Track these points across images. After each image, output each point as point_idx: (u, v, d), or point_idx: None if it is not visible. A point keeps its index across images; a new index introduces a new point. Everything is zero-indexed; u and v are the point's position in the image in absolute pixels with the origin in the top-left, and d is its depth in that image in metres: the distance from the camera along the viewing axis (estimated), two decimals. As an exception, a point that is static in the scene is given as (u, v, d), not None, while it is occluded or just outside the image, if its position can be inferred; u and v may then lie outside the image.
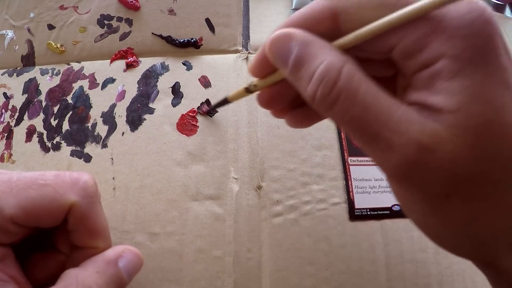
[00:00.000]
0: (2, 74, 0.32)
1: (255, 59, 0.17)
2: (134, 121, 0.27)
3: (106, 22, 0.31)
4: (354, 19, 0.14)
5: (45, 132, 0.28)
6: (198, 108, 0.27)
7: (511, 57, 0.13)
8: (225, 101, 0.23)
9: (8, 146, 0.28)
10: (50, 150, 0.27)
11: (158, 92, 0.28)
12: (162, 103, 0.27)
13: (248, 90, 0.19)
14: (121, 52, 0.30)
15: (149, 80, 0.28)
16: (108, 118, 0.27)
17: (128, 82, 0.28)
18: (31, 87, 0.30)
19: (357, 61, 0.14)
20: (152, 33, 0.30)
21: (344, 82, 0.13)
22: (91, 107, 0.28)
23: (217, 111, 0.26)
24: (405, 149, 0.13)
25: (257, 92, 0.19)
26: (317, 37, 0.15)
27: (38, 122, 0.29)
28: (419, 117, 0.13)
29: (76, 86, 0.29)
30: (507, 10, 0.38)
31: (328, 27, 0.15)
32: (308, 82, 0.14)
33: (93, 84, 0.29)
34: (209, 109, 0.26)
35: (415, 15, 0.13)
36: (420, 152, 0.13)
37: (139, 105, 0.27)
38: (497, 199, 0.14)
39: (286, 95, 0.18)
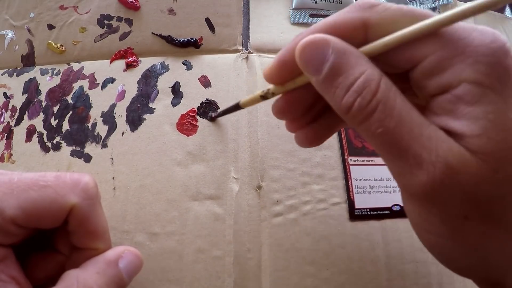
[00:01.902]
0: (2, 74, 0.32)
1: (274, 65, 0.17)
2: (134, 121, 0.27)
3: (106, 22, 0.31)
4: (384, 32, 0.14)
5: (45, 132, 0.28)
6: (203, 113, 0.26)
7: None
8: (236, 107, 0.22)
9: (8, 146, 0.28)
10: (50, 150, 0.27)
11: (158, 92, 0.28)
12: (162, 103, 0.27)
13: (264, 97, 0.19)
14: (121, 52, 0.30)
15: (149, 80, 0.28)
16: (108, 118, 0.27)
17: (128, 82, 0.28)
18: (31, 87, 0.30)
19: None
20: (152, 33, 0.30)
21: (382, 95, 0.13)
22: (91, 107, 0.28)
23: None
24: (434, 167, 0.13)
25: (273, 99, 0.19)
26: (353, 47, 0.14)
27: (38, 122, 0.29)
28: (447, 137, 0.13)
29: (76, 86, 0.29)
30: (507, 10, 0.38)
31: (357, 38, 0.15)
32: (345, 92, 0.14)
33: (93, 84, 0.29)
34: (218, 115, 0.26)
35: (443, 23, 0.13)
36: (447, 172, 0.13)
37: (139, 105, 0.27)
38: (509, 225, 0.14)
39: (302, 103, 0.18)
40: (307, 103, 0.18)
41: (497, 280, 0.16)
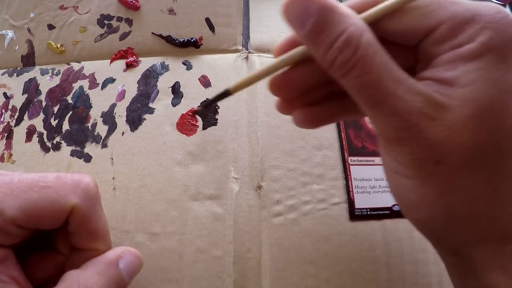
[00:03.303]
0: (2, 74, 0.32)
1: (283, 40, 0.18)
2: (134, 121, 0.27)
3: (106, 22, 0.31)
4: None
5: (45, 132, 0.28)
6: (203, 113, 0.27)
7: None
8: (226, 93, 0.21)
9: (8, 146, 0.28)
10: (50, 150, 0.27)
11: (158, 92, 0.28)
12: (162, 103, 0.27)
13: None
14: (121, 52, 0.30)
15: (149, 80, 0.28)
16: (108, 118, 0.27)
17: (128, 82, 0.28)
18: (31, 87, 0.30)
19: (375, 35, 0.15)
20: (152, 33, 0.30)
21: (362, 52, 0.14)
22: (91, 107, 0.28)
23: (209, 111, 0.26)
24: (408, 114, 0.14)
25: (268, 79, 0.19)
26: (338, 3, 0.15)
27: (38, 122, 0.29)
28: (425, 89, 0.14)
29: (76, 86, 0.29)
30: (507, 10, 0.38)
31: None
32: (328, 49, 0.15)
33: (93, 84, 0.29)
34: (206, 105, 0.25)
35: None
36: (421, 118, 0.14)
37: (139, 105, 0.27)
38: (485, 177, 0.14)
39: (299, 83, 0.18)
40: (306, 85, 0.18)
41: (458, 246, 0.16)
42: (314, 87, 0.19)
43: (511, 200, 0.14)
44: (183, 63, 0.29)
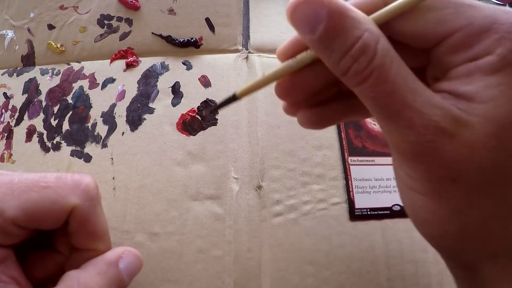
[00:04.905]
0: (2, 74, 0.32)
1: (287, 43, 0.17)
2: (134, 121, 0.27)
3: (106, 22, 0.31)
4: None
5: (45, 132, 0.28)
6: (200, 112, 0.26)
7: None
8: (233, 98, 0.21)
9: (8, 146, 0.28)
10: (50, 150, 0.27)
11: (158, 91, 0.28)
12: (162, 102, 0.27)
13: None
14: (121, 52, 0.30)
15: (149, 80, 0.28)
16: (108, 118, 0.27)
17: (128, 82, 0.28)
18: (31, 87, 0.30)
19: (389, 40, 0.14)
20: (152, 33, 0.30)
21: (379, 61, 0.13)
22: (91, 107, 0.28)
23: (215, 119, 0.26)
24: (425, 129, 0.13)
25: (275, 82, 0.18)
26: (351, 7, 0.14)
27: (38, 122, 0.29)
28: (443, 103, 0.13)
29: (76, 86, 0.29)
30: (508, 9, 0.38)
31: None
32: (341, 57, 0.14)
33: (93, 84, 0.29)
34: (213, 110, 0.25)
35: None
36: (439, 134, 0.13)
37: (139, 105, 0.27)
38: (501, 196, 0.14)
39: (306, 86, 0.18)
40: (313, 87, 0.18)
41: (469, 261, 0.15)
42: (321, 89, 0.18)
43: None
44: (183, 63, 0.29)
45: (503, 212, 0.14)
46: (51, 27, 0.32)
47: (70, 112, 0.28)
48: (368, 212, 0.25)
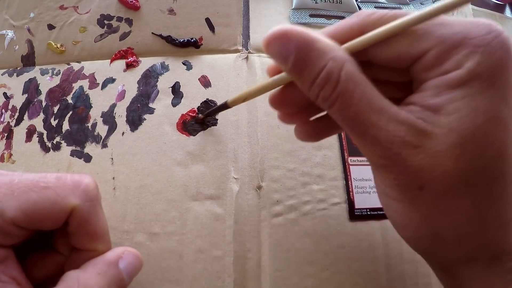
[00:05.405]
0: (2, 74, 0.32)
1: (272, 63, 0.18)
2: (134, 121, 0.27)
3: (106, 22, 0.31)
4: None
5: (45, 132, 0.28)
6: (198, 114, 0.27)
7: None
8: (224, 106, 0.22)
9: (8, 146, 0.28)
10: (50, 150, 0.27)
11: (158, 92, 0.28)
12: (162, 103, 0.27)
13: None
14: (121, 52, 0.30)
15: (149, 80, 0.28)
16: (108, 118, 0.27)
17: (128, 82, 0.28)
18: (31, 87, 0.30)
19: (358, 62, 0.15)
20: (152, 33, 0.30)
21: (342, 87, 0.14)
22: (91, 107, 0.28)
23: (215, 123, 0.26)
24: (390, 143, 0.14)
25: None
26: (317, 35, 0.15)
27: (38, 122, 0.29)
28: (408, 117, 0.14)
29: (76, 86, 0.29)
30: (507, 10, 0.38)
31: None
32: (310, 85, 0.15)
33: (93, 84, 0.29)
34: (206, 115, 0.25)
35: (428, 17, 0.14)
36: (404, 147, 0.14)
37: (139, 105, 0.27)
38: (470, 203, 0.14)
39: (296, 100, 0.19)
40: (303, 101, 0.18)
41: (445, 264, 0.16)
42: (312, 103, 0.19)
43: (499, 224, 0.15)
44: (183, 63, 0.29)
45: (476, 218, 0.14)
46: (51, 27, 0.32)
47: (70, 112, 0.28)
48: (368, 212, 0.25)
